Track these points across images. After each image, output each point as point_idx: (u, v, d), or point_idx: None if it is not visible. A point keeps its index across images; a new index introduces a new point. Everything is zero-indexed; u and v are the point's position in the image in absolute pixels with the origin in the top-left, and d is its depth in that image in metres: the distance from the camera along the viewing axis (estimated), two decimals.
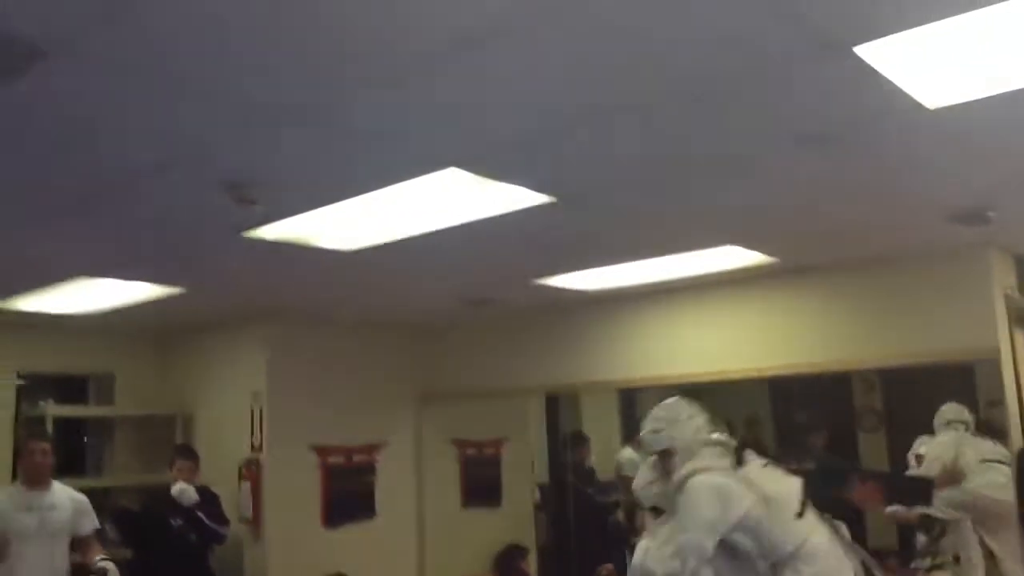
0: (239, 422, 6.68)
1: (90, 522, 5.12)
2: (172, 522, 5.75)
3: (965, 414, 5.03)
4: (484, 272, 5.48)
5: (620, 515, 7.39)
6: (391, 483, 7.39)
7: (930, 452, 4.89)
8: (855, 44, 2.38)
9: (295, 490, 6.68)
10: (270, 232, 4.15)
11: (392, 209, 3.90)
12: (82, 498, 5.14)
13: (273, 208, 3.72)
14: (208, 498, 5.96)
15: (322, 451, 6.93)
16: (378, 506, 7.26)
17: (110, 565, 4.88)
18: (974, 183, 3.88)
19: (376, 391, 7.42)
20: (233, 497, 6.45)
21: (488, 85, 2.58)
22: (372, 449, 7.32)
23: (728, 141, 3.18)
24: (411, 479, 7.64)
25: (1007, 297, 5.19)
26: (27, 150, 2.99)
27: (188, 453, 6.14)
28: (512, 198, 3.74)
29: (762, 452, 4.97)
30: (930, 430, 5.16)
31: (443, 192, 3.65)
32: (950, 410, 5.07)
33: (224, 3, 2.03)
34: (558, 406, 8.93)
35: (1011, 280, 5.37)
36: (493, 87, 2.60)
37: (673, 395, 4.00)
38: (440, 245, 4.48)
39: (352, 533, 6.99)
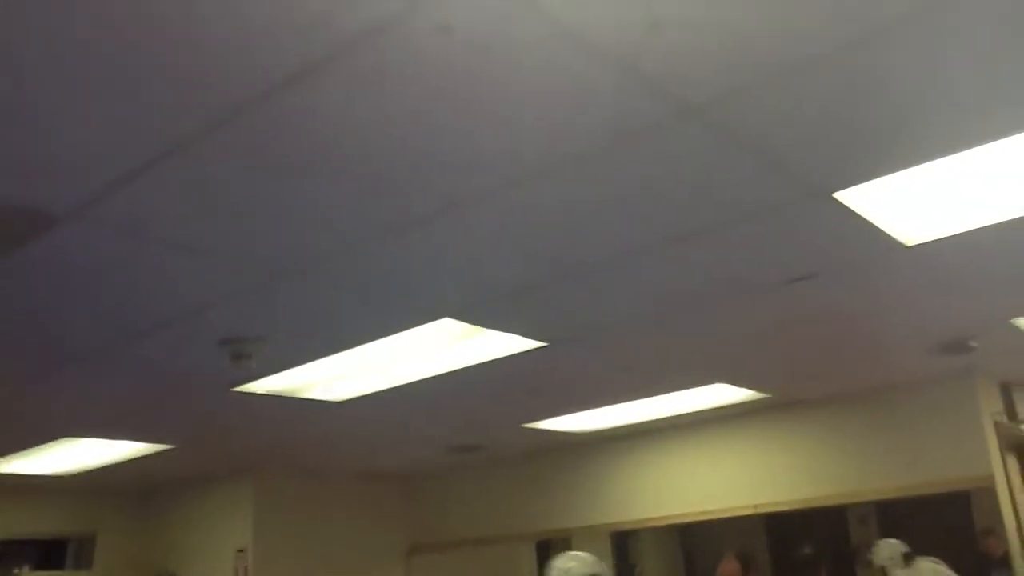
0: None
1: None
2: None
3: (899, 549, 5.01)
4: (474, 417, 5.45)
5: None
6: None
7: None
8: (835, 190, 2.48)
9: None
10: (261, 386, 4.14)
11: (383, 359, 3.92)
12: None
13: (266, 362, 3.73)
14: None
15: None
16: None
17: None
18: (955, 314, 3.97)
19: (365, 543, 7.25)
20: None
21: (482, 240, 2.65)
22: None
23: (715, 283, 3.26)
24: None
25: (997, 424, 5.22)
26: (19, 310, 3.00)
27: None
28: (503, 345, 3.78)
29: None
30: None
31: (434, 341, 3.69)
32: (886, 548, 5.06)
33: (225, 169, 2.10)
34: (549, 553, 8.71)
35: (998, 406, 5.41)
36: (486, 242, 2.67)
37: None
38: (430, 392, 4.49)
39: None
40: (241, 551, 6.49)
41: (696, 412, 5.70)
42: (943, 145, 2.26)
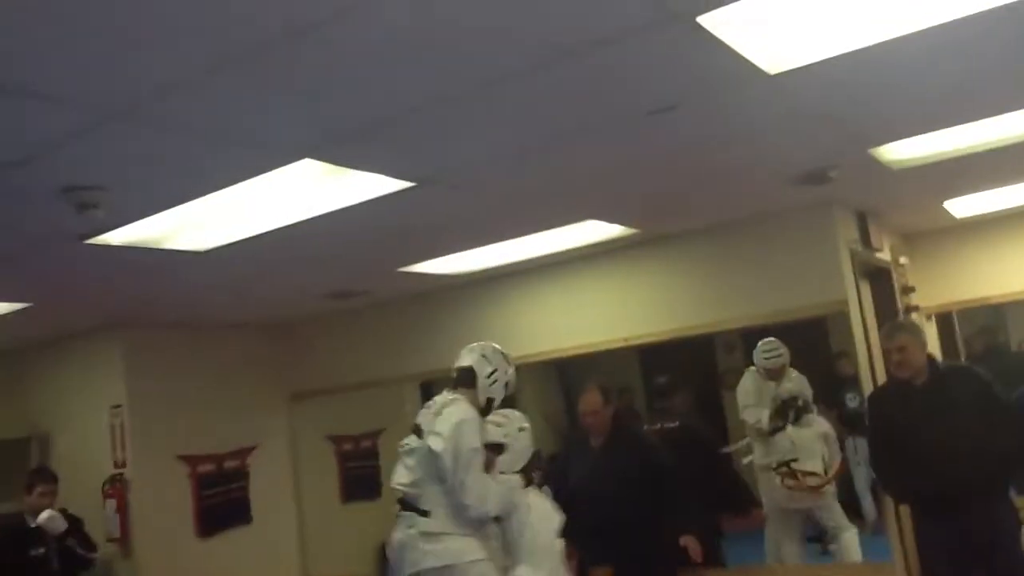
0: (99, 439, 6.37)
1: None
2: (32, 552, 5.40)
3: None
4: (346, 264, 5.38)
5: None
6: (266, 486, 7.22)
7: None
8: (698, 14, 2.43)
9: (164, 503, 6.42)
10: (115, 237, 3.94)
11: (246, 205, 3.77)
12: None
13: (117, 213, 3.53)
14: (73, 523, 5.61)
15: (190, 460, 6.69)
16: (254, 511, 7.08)
17: None
18: (815, 144, 4.05)
19: (244, 394, 7.21)
20: (97, 518, 6.12)
21: (330, 68, 2.50)
22: (243, 454, 7.12)
23: (579, 115, 3.20)
24: (287, 480, 7.48)
25: (852, 251, 5.46)
26: None
27: (49, 476, 5.75)
28: (370, 186, 3.68)
29: (633, 418, 5.14)
30: None
31: (298, 185, 3.56)
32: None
33: None
34: (433, 393, 8.89)
35: (854, 235, 5.65)
36: (336, 70, 2.52)
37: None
38: (298, 239, 4.37)
39: (229, 541, 6.80)
40: (116, 407, 6.37)
41: (567, 251, 5.76)
42: None
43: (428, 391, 8.60)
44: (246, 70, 2.42)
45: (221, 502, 6.83)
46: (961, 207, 6.08)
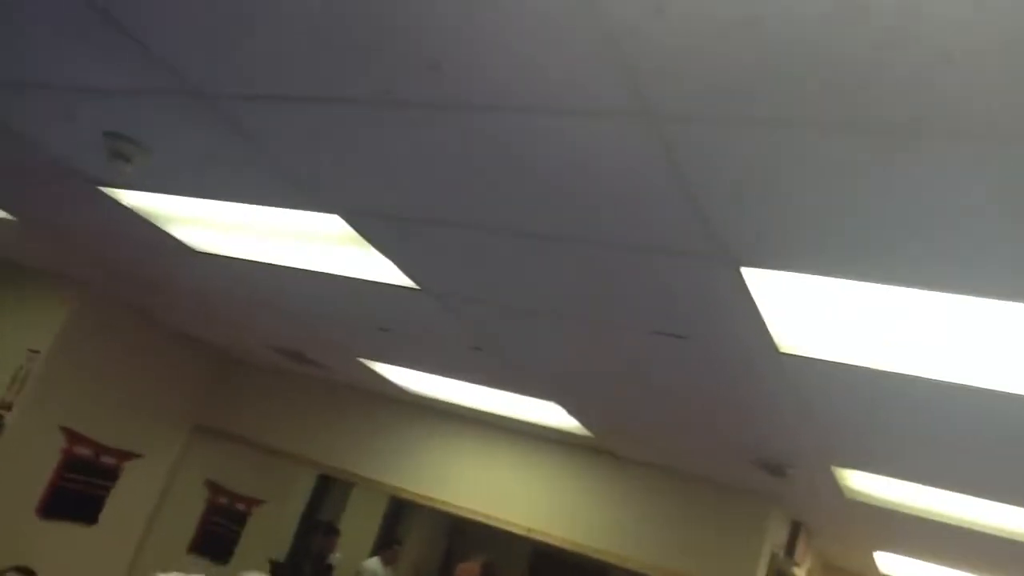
0: (2, 370, 6.16)
1: None
2: None
3: None
4: (316, 328, 5.34)
5: None
6: (127, 500, 6.90)
7: None
8: (744, 265, 2.50)
9: (24, 463, 6.14)
10: (127, 197, 3.94)
11: (260, 228, 3.78)
12: None
13: (141, 176, 3.54)
14: None
15: (71, 435, 6.44)
16: (103, 516, 6.74)
17: None
18: (788, 436, 4.08)
19: (152, 401, 7.01)
20: None
21: (410, 149, 2.56)
22: (124, 456, 6.86)
23: (598, 302, 3.25)
24: (149, 502, 7.16)
25: (773, 555, 5.42)
26: None
27: None
28: (378, 270, 3.70)
29: None
30: None
31: (317, 235, 3.58)
32: None
33: None
34: (327, 489, 8.67)
35: (782, 539, 5.62)
36: (415, 154, 2.58)
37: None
38: (290, 284, 4.36)
39: (64, 531, 6.46)
40: (34, 351, 6.20)
41: (519, 421, 5.72)
42: (864, 269, 2.29)
43: (325, 484, 8.41)
44: (335, 114, 2.48)
45: (77, 491, 6.52)
46: (888, 563, 6.07)
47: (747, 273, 2.54)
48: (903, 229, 2.04)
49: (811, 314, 2.68)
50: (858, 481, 4.38)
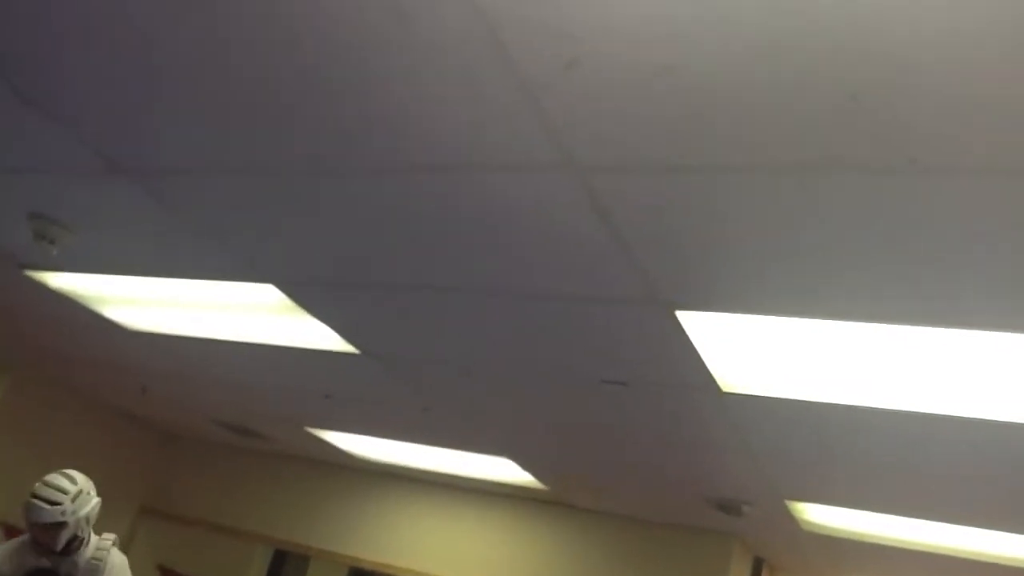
0: None
1: None
2: None
3: None
4: (260, 401, 5.23)
5: None
6: None
7: None
8: (679, 308, 2.51)
9: None
10: (55, 280, 3.85)
11: (193, 304, 3.72)
12: None
13: (68, 257, 3.47)
14: None
15: (5, 527, 6.17)
16: None
17: None
18: (741, 475, 4.08)
19: (97, 483, 6.74)
20: None
21: (332, 219, 2.55)
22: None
23: (539, 354, 3.24)
24: None
25: None
26: None
27: None
28: (317, 337, 3.65)
29: None
30: None
31: (253, 307, 3.53)
32: None
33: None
34: (283, 565, 8.44)
35: (746, 574, 5.59)
36: (337, 223, 2.57)
37: None
38: (230, 358, 4.28)
39: None
40: None
41: (473, 480, 5.66)
42: (796, 306, 2.32)
43: (281, 560, 8.18)
44: (259, 184, 2.46)
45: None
46: None
47: (683, 316, 2.55)
48: (830, 264, 2.07)
49: (750, 352, 2.69)
50: (814, 513, 4.39)
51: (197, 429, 6.72)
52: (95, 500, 3.70)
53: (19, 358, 5.91)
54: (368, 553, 6.27)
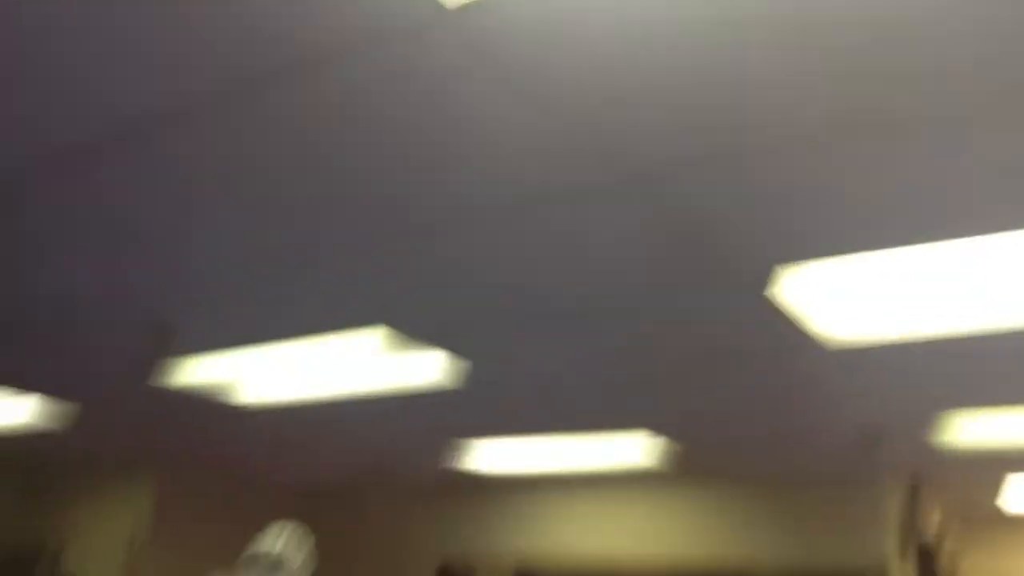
0: (110, 565, 6.30)
1: None
2: None
3: None
4: (394, 443, 5.40)
5: None
6: None
7: None
8: (772, 282, 2.53)
9: None
10: (178, 379, 4.06)
11: (307, 368, 3.88)
12: None
13: (184, 346, 3.65)
14: None
15: None
16: None
17: None
18: (877, 412, 4.05)
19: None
20: None
21: (440, 261, 2.66)
22: None
23: (648, 347, 3.29)
24: None
25: (897, 524, 5.32)
26: None
27: None
28: (429, 370, 3.76)
29: None
30: None
31: (360, 356, 3.66)
32: None
33: (182, 167, 2.09)
34: None
35: (903, 508, 5.52)
36: (443, 264, 2.67)
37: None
38: (351, 412, 4.44)
39: None
40: (134, 541, 6.35)
41: (608, 470, 5.72)
42: (886, 238, 2.32)
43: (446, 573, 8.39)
44: (382, 247, 2.58)
45: None
46: (1017, 502, 5.92)
47: (779, 280, 2.57)
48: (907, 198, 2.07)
49: (853, 301, 2.71)
50: (960, 431, 4.32)
51: (336, 481, 6.94)
52: None
53: (159, 458, 6.22)
54: (529, 552, 6.41)
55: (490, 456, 5.76)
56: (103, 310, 3.25)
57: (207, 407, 4.48)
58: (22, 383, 4.85)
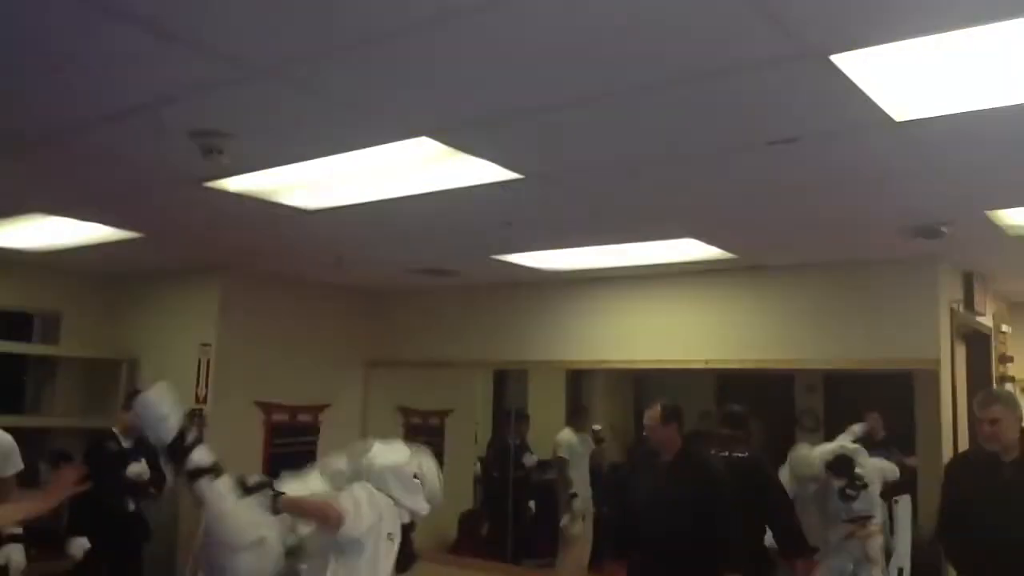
0: (185, 372, 6.61)
1: (12, 464, 4.76)
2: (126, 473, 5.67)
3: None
4: (445, 243, 5.47)
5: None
6: (334, 446, 7.36)
7: None
8: (832, 53, 2.42)
9: (238, 443, 6.59)
10: (233, 184, 4.10)
11: (358, 174, 3.89)
12: (6, 437, 4.79)
13: (238, 161, 3.67)
14: (150, 451, 5.77)
15: (267, 407, 6.91)
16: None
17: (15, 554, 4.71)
18: (933, 197, 3.98)
19: (325, 352, 7.40)
20: None
21: (473, 58, 2.58)
22: (317, 410, 7.31)
23: (699, 135, 3.22)
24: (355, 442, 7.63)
25: (952, 311, 5.33)
26: None
27: None
28: (480, 172, 3.75)
29: (709, 443, 5.04)
30: None
31: (412, 160, 3.65)
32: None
33: None
34: (506, 382, 8.99)
35: (958, 295, 5.51)
36: (475, 61, 2.60)
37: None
38: (404, 212, 4.48)
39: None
40: (206, 345, 6.62)
41: (661, 264, 5.74)
42: (949, 19, 2.19)
43: (502, 380, 8.73)
44: (392, 48, 2.51)
45: (290, 453, 7.00)
46: None
47: (838, 60, 2.46)
48: None
49: (912, 79, 2.59)
50: (1016, 217, 4.24)
51: (396, 281, 7.11)
52: None
53: (225, 260, 6.40)
54: (579, 355, 6.57)
55: (541, 259, 5.82)
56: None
57: (263, 210, 4.54)
58: (79, 214, 4.98)
